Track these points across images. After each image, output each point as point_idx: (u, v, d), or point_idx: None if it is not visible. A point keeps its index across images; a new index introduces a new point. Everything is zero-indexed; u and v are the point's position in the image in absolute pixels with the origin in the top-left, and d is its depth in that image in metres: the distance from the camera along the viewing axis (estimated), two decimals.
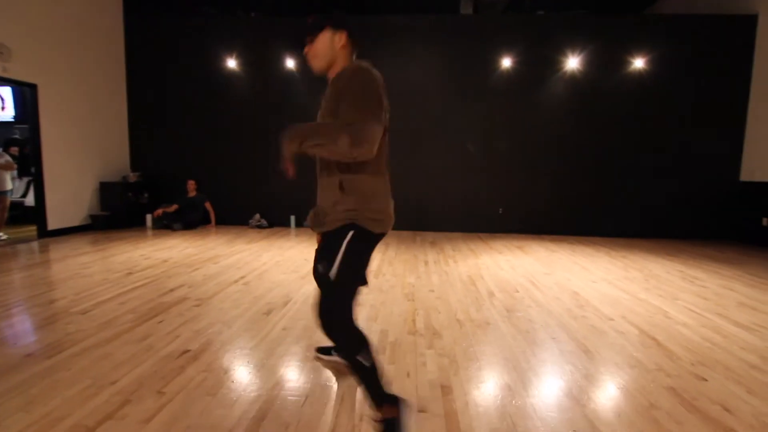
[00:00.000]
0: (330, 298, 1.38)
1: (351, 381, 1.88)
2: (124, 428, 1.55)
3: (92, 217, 6.18)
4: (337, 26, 1.42)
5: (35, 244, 5.06)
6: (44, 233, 5.49)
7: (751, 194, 6.05)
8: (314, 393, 1.82)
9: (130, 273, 3.75)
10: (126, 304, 2.90)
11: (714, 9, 6.48)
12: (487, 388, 1.87)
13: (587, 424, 1.62)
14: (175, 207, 6.51)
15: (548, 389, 1.89)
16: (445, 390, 1.84)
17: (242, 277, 3.66)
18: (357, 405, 1.72)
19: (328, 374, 1.98)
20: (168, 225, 6.35)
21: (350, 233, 1.36)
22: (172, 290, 3.25)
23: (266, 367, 2.04)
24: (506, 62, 6.31)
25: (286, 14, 7.56)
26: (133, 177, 6.64)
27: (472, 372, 2.02)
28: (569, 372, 2.05)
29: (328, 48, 1.42)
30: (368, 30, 6.38)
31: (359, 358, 1.36)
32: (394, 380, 1.92)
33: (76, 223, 5.98)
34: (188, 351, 2.19)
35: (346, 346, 1.41)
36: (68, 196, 5.85)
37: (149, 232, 6.11)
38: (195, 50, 6.70)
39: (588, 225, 6.52)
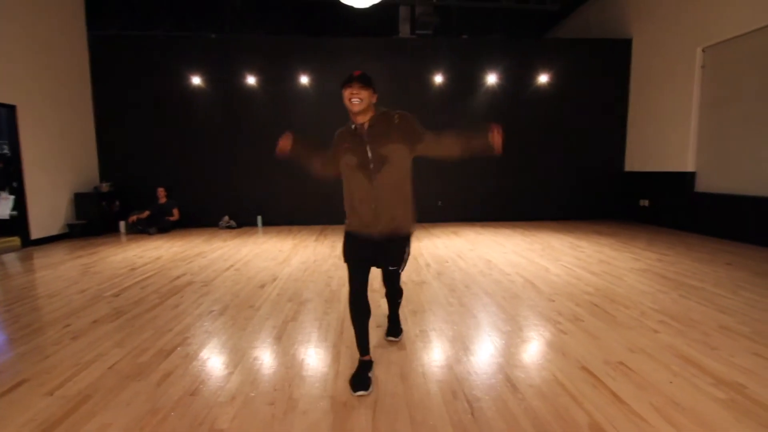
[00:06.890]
0: (398, 281, 2.40)
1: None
2: (191, 350, 2.45)
3: (69, 225, 6.65)
4: (375, 90, 2.09)
5: (19, 254, 5.52)
6: (27, 242, 5.95)
7: (632, 182, 7.67)
8: (309, 320, 2.80)
9: (133, 269, 4.48)
10: (147, 288, 3.70)
11: (600, 33, 8.07)
12: (424, 314, 2.95)
13: (484, 328, 2.74)
14: (147, 213, 7.10)
15: (461, 313, 3.00)
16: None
17: (232, 266, 4.52)
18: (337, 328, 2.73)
19: (317, 313, 2.97)
20: (143, 230, 6.93)
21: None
22: (178, 277, 4.06)
23: (275, 312, 2.99)
24: (438, 77, 7.49)
25: (243, 32, 8.29)
26: (104, 187, 7.13)
27: (415, 306, 3.10)
28: (474, 303, 3.18)
29: (369, 100, 2.06)
30: (323, 49, 7.32)
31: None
32: None
33: (55, 232, 6.44)
34: (213, 311, 3.09)
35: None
36: (47, 207, 6.31)
37: (123, 238, 6.68)
38: (156, 67, 7.28)
39: (510, 212, 7.89)
